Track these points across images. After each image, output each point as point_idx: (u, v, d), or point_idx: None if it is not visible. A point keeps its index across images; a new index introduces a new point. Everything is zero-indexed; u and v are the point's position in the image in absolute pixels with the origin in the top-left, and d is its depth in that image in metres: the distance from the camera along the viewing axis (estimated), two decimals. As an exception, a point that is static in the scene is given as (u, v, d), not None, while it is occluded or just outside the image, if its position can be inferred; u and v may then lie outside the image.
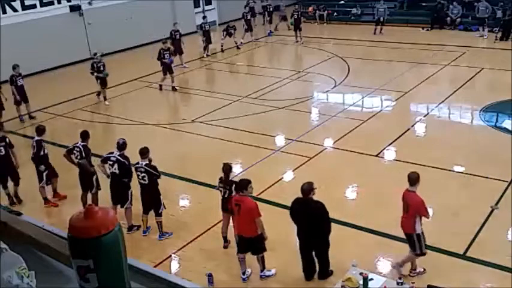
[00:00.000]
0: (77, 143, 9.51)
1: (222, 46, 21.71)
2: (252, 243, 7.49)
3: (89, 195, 9.53)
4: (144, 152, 8.68)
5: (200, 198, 10.15)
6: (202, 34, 20.91)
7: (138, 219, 9.07)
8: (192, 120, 14.31)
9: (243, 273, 7.70)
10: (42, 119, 14.72)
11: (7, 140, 10.03)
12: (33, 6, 19.80)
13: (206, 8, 26.98)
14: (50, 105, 15.94)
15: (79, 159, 9.41)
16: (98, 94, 16.21)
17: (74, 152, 9.46)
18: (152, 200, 8.76)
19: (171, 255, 8.41)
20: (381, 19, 23.05)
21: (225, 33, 21.43)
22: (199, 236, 8.82)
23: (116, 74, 18.15)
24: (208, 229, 8.95)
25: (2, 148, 9.81)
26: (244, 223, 7.37)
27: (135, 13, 22.40)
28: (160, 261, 8.25)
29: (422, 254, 7.33)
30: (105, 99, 16.07)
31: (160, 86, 17.07)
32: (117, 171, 8.81)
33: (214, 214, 8.74)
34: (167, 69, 16.83)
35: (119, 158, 8.77)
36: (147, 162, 8.61)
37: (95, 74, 15.62)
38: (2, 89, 14.47)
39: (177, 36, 19.18)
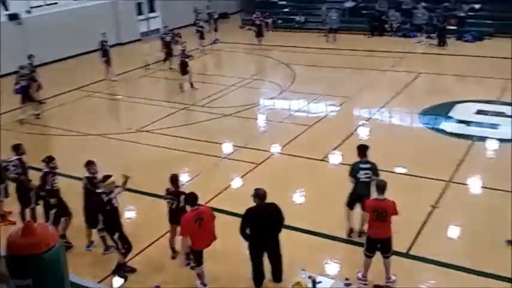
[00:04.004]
0: (11, 157, 9.16)
1: (166, 54, 21.50)
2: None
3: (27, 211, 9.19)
4: (86, 164, 8.50)
5: (146, 209, 9.98)
6: (163, 45, 20.45)
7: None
8: (137, 130, 14.08)
9: (205, 285, 7.60)
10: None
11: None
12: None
13: (150, 15, 26.70)
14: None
15: (16, 173, 9.08)
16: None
17: (9, 167, 9.10)
18: (87, 213, 8.53)
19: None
20: (333, 27, 23.58)
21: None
22: (146, 247, 8.67)
23: (56, 84, 17.66)
24: (156, 240, 8.81)
25: (114, 200, 7.89)
26: (208, 232, 7.34)
27: (77, 21, 21.86)
28: (106, 275, 8.05)
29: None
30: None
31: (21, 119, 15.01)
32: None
33: (160, 225, 8.60)
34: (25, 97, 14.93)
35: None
36: (88, 175, 8.42)
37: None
38: None
39: (106, 47, 18.85)
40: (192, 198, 7.38)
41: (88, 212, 8.55)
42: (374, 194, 7.52)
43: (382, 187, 7.25)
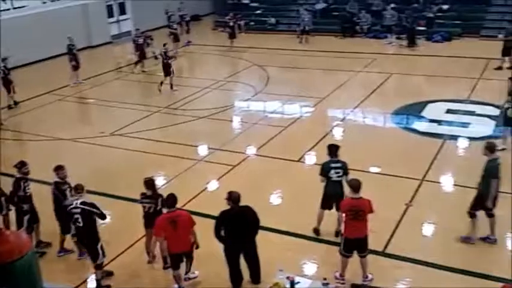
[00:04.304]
0: None
1: (138, 57, 21.30)
2: (188, 254, 7.47)
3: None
4: (55, 169, 8.30)
5: (121, 213, 9.85)
6: (135, 48, 20.23)
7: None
8: (111, 133, 13.88)
9: None
10: None
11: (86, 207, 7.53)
12: None
13: (120, 17, 26.43)
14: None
15: None
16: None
17: None
18: (59, 219, 8.32)
19: (92, 275, 8.04)
20: (306, 28, 23.70)
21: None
22: (122, 252, 8.55)
23: (26, 88, 17.29)
24: (132, 245, 8.71)
25: (79, 217, 7.51)
26: (182, 237, 7.26)
27: (47, 24, 21.49)
28: (80, 282, 7.91)
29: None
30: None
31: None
32: None
33: (136, 229, 8.50)
34: None
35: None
36: (57, 180, 8.23)
37: None
38: None
39: (74, 50, 18.57)
40: (171, 200, 7.31)
41: (60, 219, 8.37)
42: (348, 194, 7.57)
43: (357, 186, 7.30)
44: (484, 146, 8.28)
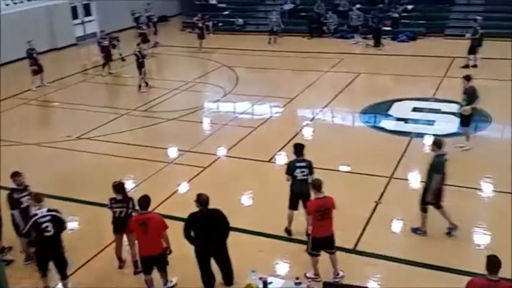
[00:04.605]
0: None
1: (104, 59, 20.96)
2: (159, 258, 7.35)
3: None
4: (12, 175, 8.06)
5: (90, 218, 9.66)
6: (100, 50, 19.92)
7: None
8: (77, 137, 13.62)
9: None
10: None
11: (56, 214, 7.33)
12: None
13: (85, 19, 25.98)
14: None
15: None
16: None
17: None
18: (16, 228, 8.03)
19: (60, 283, 7.85)
20: (274, 28, 23.78)
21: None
22: (91, 258, 8.40)
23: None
24: (102, 250, 8.55)
25: (49, 225, 7.22)
26: (153, 240, 7.18)
27: (10, 26, 20.94)
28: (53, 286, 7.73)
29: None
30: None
31: None
32: None
33: (106, 234, 8.36)
34: None
35: None
36: (14, 186, 8.00)
37: None
38: None
39: (34, 55, 18.18)
40: (143, 201, 7.22)
41: (17, 227, 8.13)
42: (313, 194, 7.62)
43: (318, 185, 7.40)
44: (432, 142, 8.58)
